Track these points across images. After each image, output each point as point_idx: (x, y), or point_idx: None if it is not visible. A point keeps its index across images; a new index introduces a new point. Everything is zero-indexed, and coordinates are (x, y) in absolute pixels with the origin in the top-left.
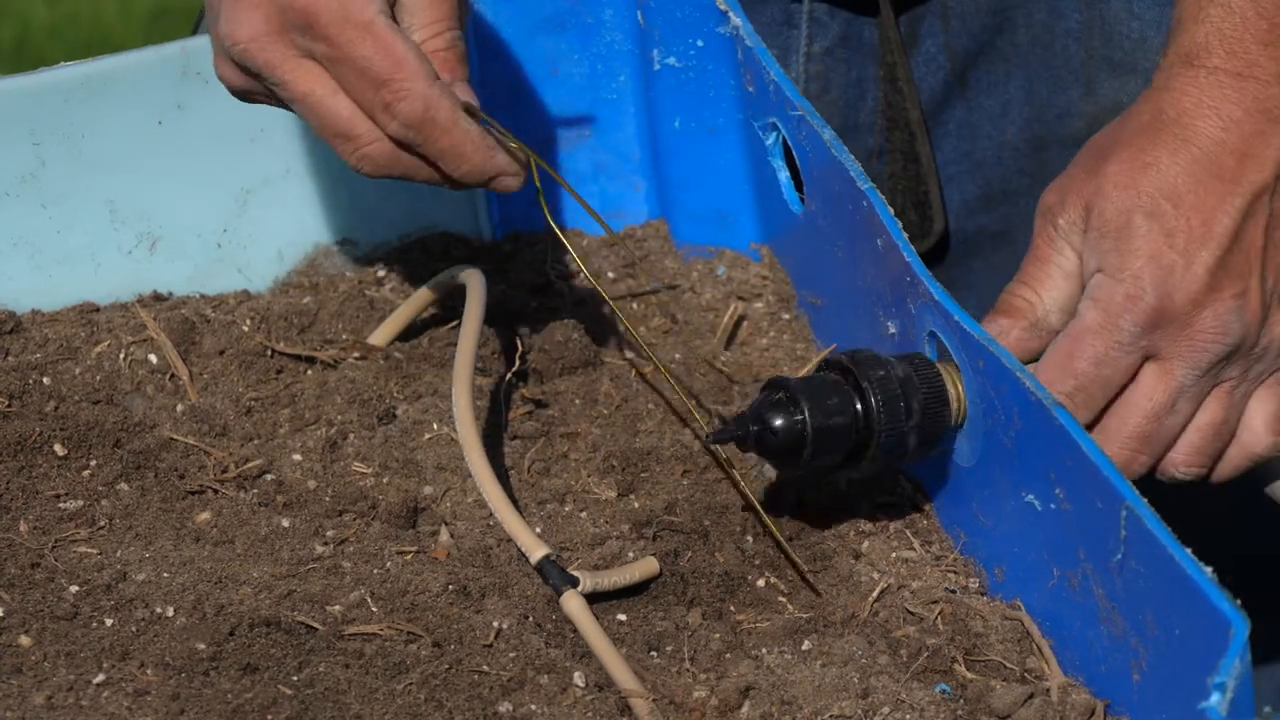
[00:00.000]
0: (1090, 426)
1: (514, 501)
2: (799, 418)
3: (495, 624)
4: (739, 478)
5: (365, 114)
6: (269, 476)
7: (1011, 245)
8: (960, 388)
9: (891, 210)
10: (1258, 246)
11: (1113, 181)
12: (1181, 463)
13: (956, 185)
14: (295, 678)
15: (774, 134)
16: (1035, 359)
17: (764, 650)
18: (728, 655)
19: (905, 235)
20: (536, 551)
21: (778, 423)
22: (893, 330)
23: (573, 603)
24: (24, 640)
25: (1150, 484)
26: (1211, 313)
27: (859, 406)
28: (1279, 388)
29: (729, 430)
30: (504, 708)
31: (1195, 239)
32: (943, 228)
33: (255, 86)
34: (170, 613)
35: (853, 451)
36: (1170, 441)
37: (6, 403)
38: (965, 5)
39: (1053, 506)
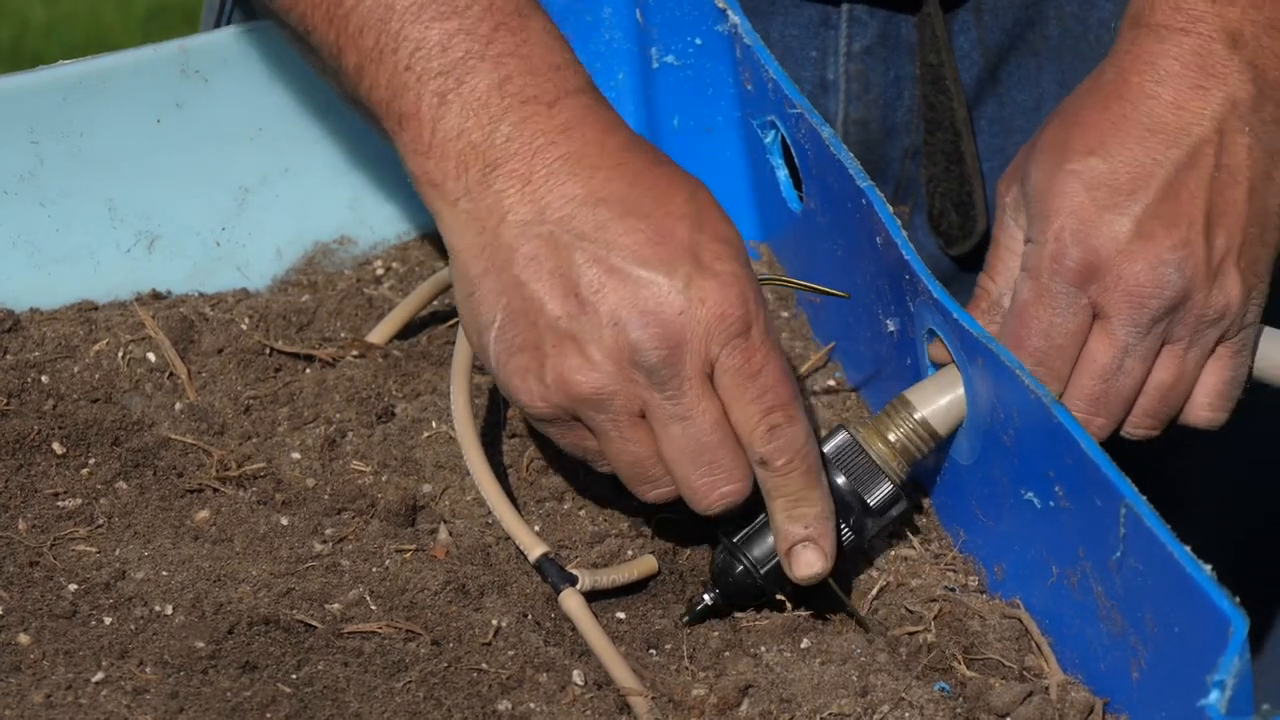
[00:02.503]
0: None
1: (513, 500)
2: (740, 568)
3: (494, 622)
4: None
5: (737, 436)
6: (267, 475)
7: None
8: (889, 446)
9: (890, 208)
10: (1199, 200)
11: (1043, 146)
12: (1130, 423)
13: (990, 181)
14: (294, 676)
15: (772, 132)
16: None
17: (763, 648)
18: (727, 653)
19: (904, 234)
20: (535, 550)
21: (732, 579)
22: (891, 328)
23: (571, 601)
24: (23, 638)
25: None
26: (1145, 264)
27: None
28: (1231, 359)
29: (698, 612)
30: (503, 706)
31: (1122, 190)
32: (985, 228)
33: (617, 399)
34: (169, 611)
35: None
36: (1127, 402)
37: (5, 401)
38: (999, 0)
39: (1052, 504)
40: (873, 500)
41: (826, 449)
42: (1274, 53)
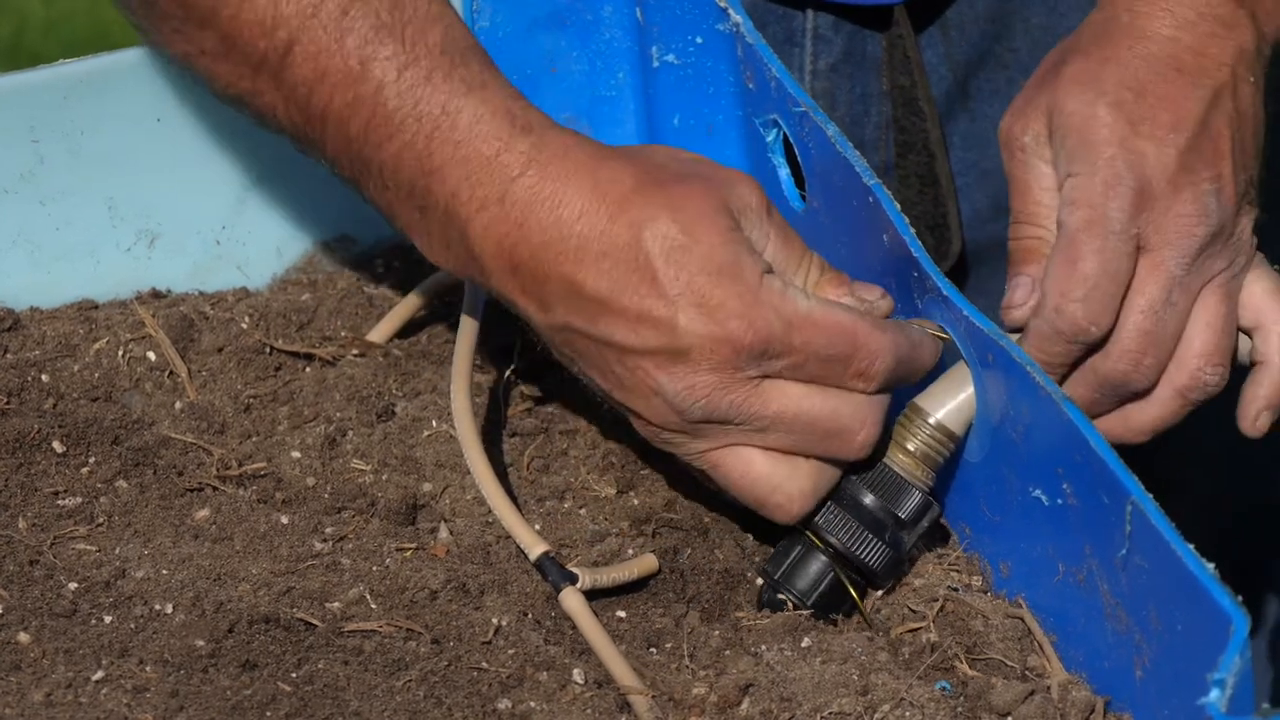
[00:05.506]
0: (1100, 344)
1: (513, 498)
2: (788, 605)
3: (494, 621)
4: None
5: (836, 390)
6: (268, 474)
7: (990, 246)
8: (911, 456)
9: (898, 205)
10: (1225, 137)
11: (1071, 80)
12: (1206, 365)
13: (965, 196)
14: (294, 674)
15: (774, 130)
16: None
17: (763, 647)
18: (727, 652)
19: (912, 230)
20: (535, 548)
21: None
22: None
23: (572, 599)
24: (23, 637)
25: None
26: (1191, 194)
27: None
28: (1263, 269)
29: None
30: (503, 704)
31: (1162, 125)
32: (960, 249)
33: (703, 442)
34: (169, 610)
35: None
36: (1173, 340)
37: (5, 400)
38: (964, 14)
39: (1059, 502)
40: (904, 513)
41: (852, 473)
42: (1265, 6)
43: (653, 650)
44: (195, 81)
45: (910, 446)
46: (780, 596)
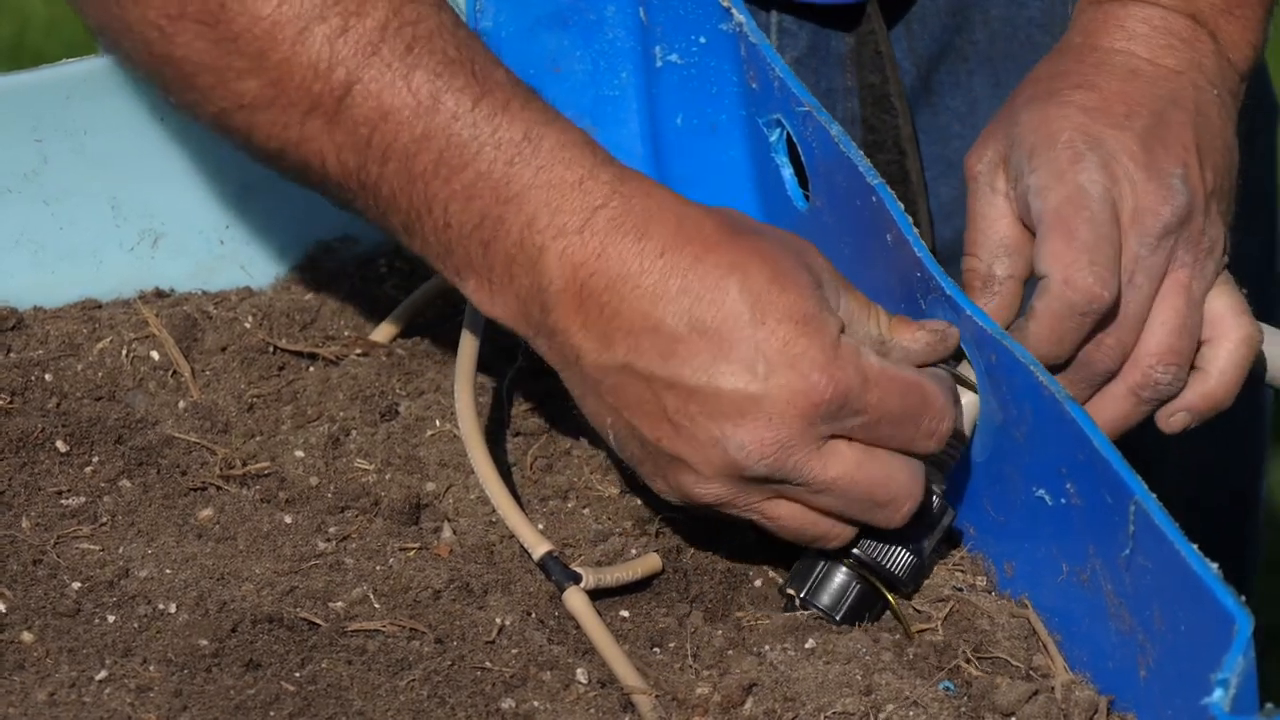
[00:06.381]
0: (1110, 316)
1: (516, 498)
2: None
3: (498, 620)
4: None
5: (890, 458)
6: (271, 473)
7: None
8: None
9: (901, 205)
10: (1188, 131)
11: (1026, 100)
12: (1159, 364)
13: (932, 190)
14: (298, 674)
15: (777, 130)
16: (1016, 315)
17: (767, 647)
18: (730, 652)
19: (915, 230)
20: (539, 548)
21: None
22: None
23: (575, 599)
24: (26, 637)
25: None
26: (1156, 175)
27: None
28: (1230, 285)
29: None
30: (507, 704)
31: (1117, 114)
32: (930, 244)
33: (746, 496)
34: (172, 609)
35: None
36: (1134, 323)
37: (8, 399)
38: (925, 8)
39: (1063, 501)
40: (924, 517)
41: None
42: (1230, 36)
43: (656, 650)
44: (228, 142)
45: None
46: (806, 614)
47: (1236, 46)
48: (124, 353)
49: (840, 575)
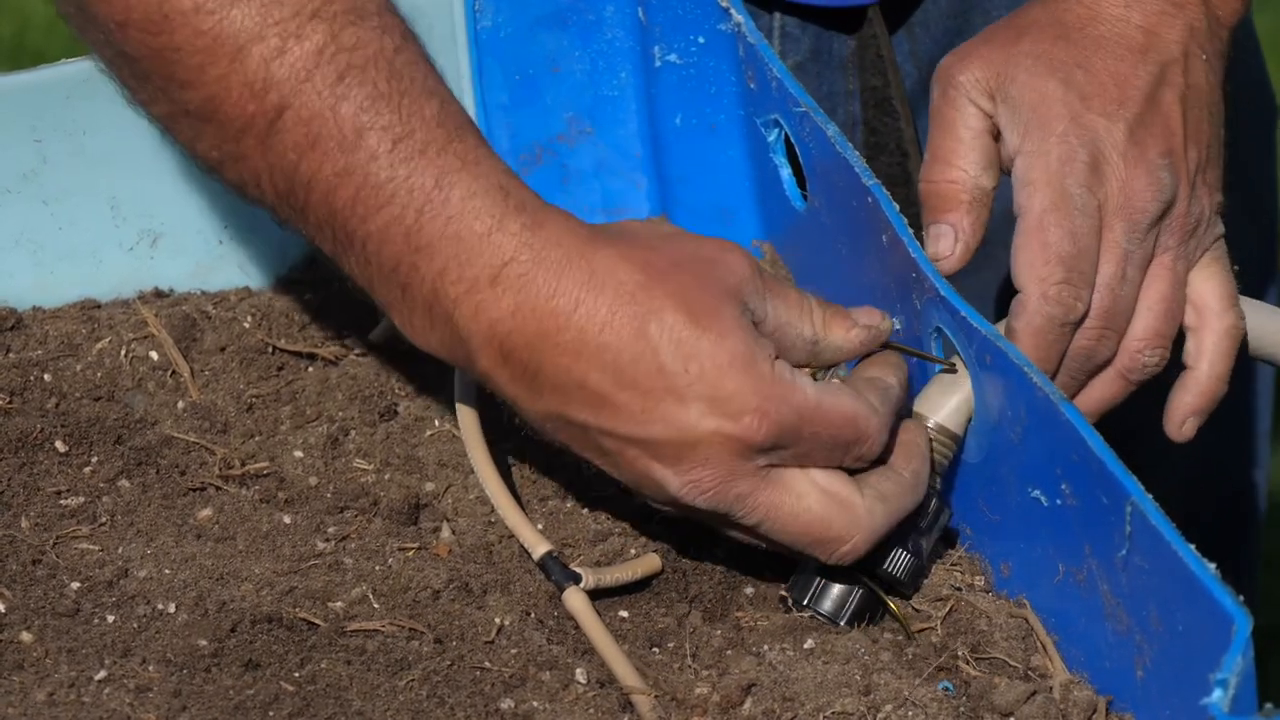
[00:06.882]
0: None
1: (516, 498)
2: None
3: (497, 620)
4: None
5: (833, 496)
6: (270, 473)
7: (988, 247)
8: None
9: (897, 206)
10: (1176, 112)
11: (1025, 54)
12: (1146, 348)
13: None
14: (297, 674)
15: (776, 130)
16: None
17: (766, 647)
18: (729, 652)
19: (911, 231)
20: (539, 548)
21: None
22: (897, 327)
23: (575, 599)
24: (25, 637)
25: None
26: (1143, 168)
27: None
28: (1219, 265)
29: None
30: (506, 704)
31: (1112, 100)
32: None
33: (705, 520)
34: (172, 609)
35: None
36: (1130, 315)
37: (7, 399)
38: (927, 12)
39: (1059, 502)
40: (921, 520)
41: None
42: None
43: (655, 650)
44: (177, 145)
45: None
46: (806, 614)
47: (1224, 2)
48: (123, 353)
49: (842, 582)
